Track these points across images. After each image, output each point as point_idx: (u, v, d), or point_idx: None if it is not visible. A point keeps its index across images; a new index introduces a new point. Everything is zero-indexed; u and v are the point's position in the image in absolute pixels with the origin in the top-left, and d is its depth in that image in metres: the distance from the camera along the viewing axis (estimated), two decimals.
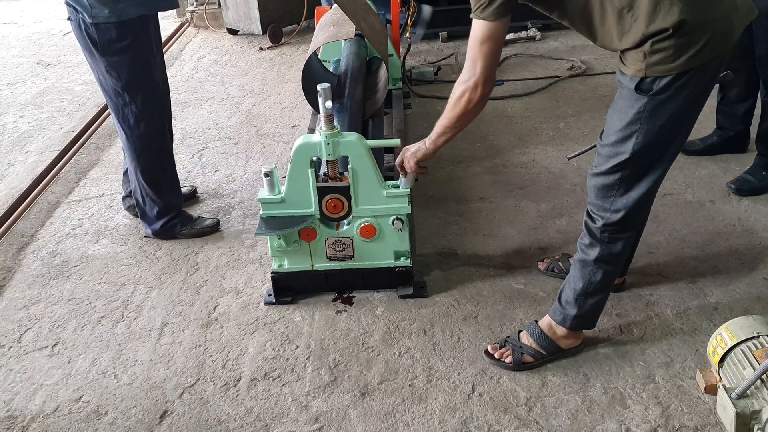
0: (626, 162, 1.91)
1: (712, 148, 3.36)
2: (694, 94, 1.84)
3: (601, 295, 2.17)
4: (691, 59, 1.74)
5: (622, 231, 2.04)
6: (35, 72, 5.52)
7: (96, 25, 2.60)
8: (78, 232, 3.18)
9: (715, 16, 1.74)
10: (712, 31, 1.73)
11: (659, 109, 1.82)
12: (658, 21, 1.71)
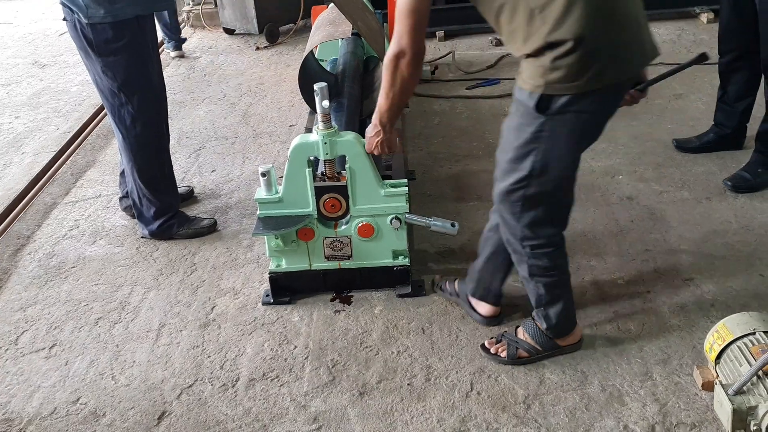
0: (526, 178, 1.91)
1: (708, 145, 3.37)
2: (593, 118, 1.84)
3: (557, 305, 2.15)
4: (591, 80, 1.73)
5: (540, 246, 2.03)
6: (31, 73, 5.51)
7: (92, 26, 2.60)
8: (75, 233, 3.18)
9: (619, 41, 1.74)
10: (614, 55, 1.74)
11: (558, 130, 1.82)
12: (562, 30, 1.69)
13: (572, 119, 1.80)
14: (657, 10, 5.29)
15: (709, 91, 3.89)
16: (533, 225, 2.00)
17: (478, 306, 2.39)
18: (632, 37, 1.78)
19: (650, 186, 3.15)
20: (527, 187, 1.92)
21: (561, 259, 2.11)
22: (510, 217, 2.02)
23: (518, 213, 1.98)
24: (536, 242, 2.03)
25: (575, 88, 1.74)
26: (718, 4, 3.34)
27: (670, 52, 4.64)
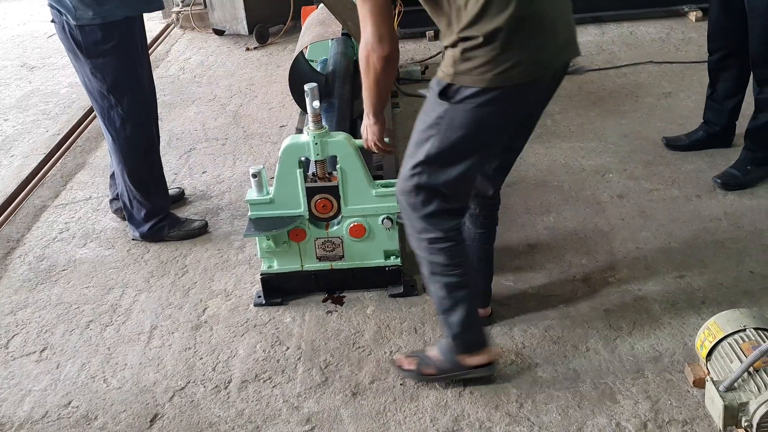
0: (421, 164, 1.88)
1: (697, 143, 3.38)
2: (497, 113, 1.82)
3: (459, 310, 2.03)
4: (498, 77, 1.73)
5: (436, 241, 1.96)
6: (19, 75, 5.47)
7: (80, 27, 2.59)
8: (65, 236, 3.16)
9: (534, 42, 1.74)
10: (525, 55, 1.73)
11: (458, 119, 1.80)
12: (476, 27, 1.70)
13: (474, 111, 1.78)
14: (645, 9, 5.32)
15: (698, 89, 3.91)
16: (430, 216, 1.94)
17: None
18: (550, 38, 1.78)
19: (640, 184, 3.17)
20: (422, 174, 1.89)
21: (461, 257, 2.02)
22: (408, 207, 1.96)
23: (415, 202, 1.94)
24: (433, 235, 1.96)
25: (481, 81, 1.74)
26: (706, 3, 3.35)
27: (659, 51, 4.66)
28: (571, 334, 2.33)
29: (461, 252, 2.02)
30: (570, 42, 1.88)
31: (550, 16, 1.77)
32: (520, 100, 1.83)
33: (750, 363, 1.78)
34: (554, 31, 1.80)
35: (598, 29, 5.18)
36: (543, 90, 1.91)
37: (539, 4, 1.75)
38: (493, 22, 1.69)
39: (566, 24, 1.86)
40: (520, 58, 1.73)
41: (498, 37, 1.70)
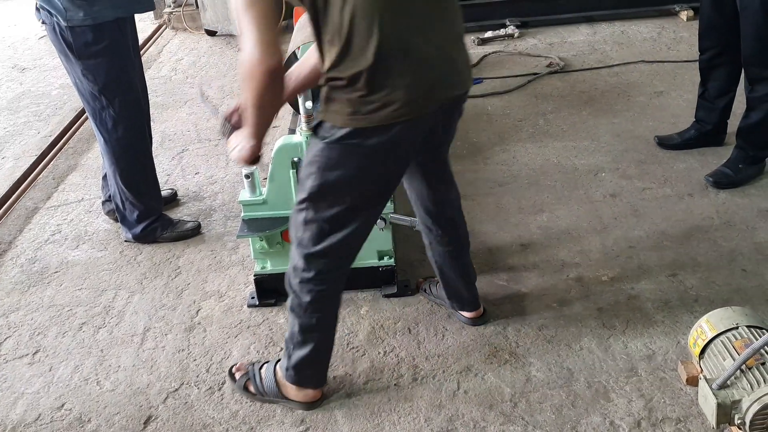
0: (304, 201, 1.80)
1: (689, 142, 3.39)
2: (371, 156, 1.71)
3: (306, 348, 1.98)
4: (367, 118, 1.64)
5: (309, 281, 1.89)
6: (10, 76, 5.45)
7: (71, 29, 2.58)
8: (57, 238, 3.15)
9: (400, 81, 1.63)
10: (394, 95, 1.63)
11: (334, 160, 1.72)
12: (340, 68, 1.62)
13: (347, 151, 1.70)
14: (637, 9, 5.34)
15: (690, 88, 3.93)
16: (308, 256, 1.85)
17: (460, 314, 2.41)
18: (424, 75, 1.67)
19: (633, 183, 3.17)
20: (306, 210, 1.81)
21: (328, 305, 1.97)
22: (295, 240, 1.88)
23: (302, 238, 1.85)
24: (306, 275, 1.88)
25: (350, 122, 1.66)
26: (697, 2, 3.37)
27: (651, 50, 4.68)
28: (564, 333, 2.33)
29: (328, 298, 1.95)
30: (453, 74, 1.75)
31: (422, 52, 1.65)
32: (396, 140, 1.70)
33: (743, 360, 1.79)
34: (429, 67, 1.67)
35: (590, 29, 5.19)
36: (428, 126, 1.78)
37: (405, 41, 1.62)
38: (355, 64, 1.60)
39: (447, 57, 1.72)
40: (389, 99, 1.63)
41: (361, 79, 1.61)
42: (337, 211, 1.79)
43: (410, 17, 1.64)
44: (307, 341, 1.99)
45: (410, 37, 1.63)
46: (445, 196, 2.15)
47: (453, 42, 1.75)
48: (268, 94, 1.64)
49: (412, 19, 1.64)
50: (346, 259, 1.93)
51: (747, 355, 1.78)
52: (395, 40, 1.61)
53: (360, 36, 1.59)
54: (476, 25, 5.30)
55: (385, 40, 1.59)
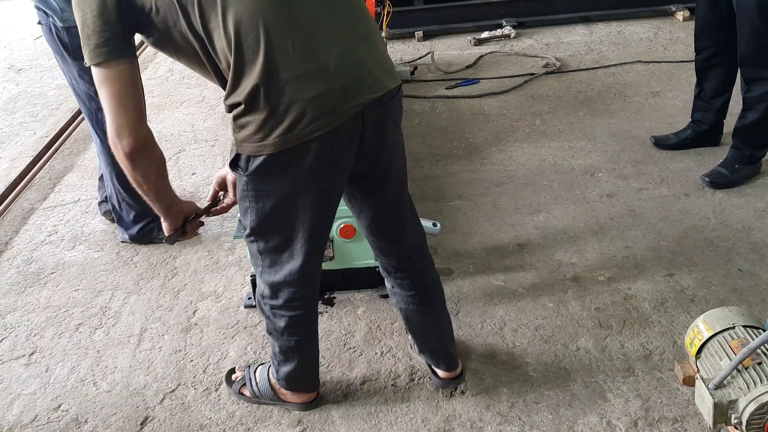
0: (250, 235, 1.74)
1: (686, 142, 3.40)
2: (299, 177, 1.61)
3: (290, 365, 1.99)
4: (279, 140, 1.53)
5: (280, 308, 1.86)
6: (6, 77, 5.43)
7: (67, 29, 2.57)
8: (54, 239, 3.14)
9: (301, 95, 1.52)
10: (300, 110, 1.52)
11: (264, 190, 1.64)
12: (237, 92, 1.52)
13: (274, 179, 1.61)
14: (632, 9, 5.35)
15: (686, 88, 3.93)
16: (272, 285, 1.82)
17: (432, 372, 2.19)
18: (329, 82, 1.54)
19: (629, 183, 3.18)
20: (256, 242, 1.75)
21: (305, 326, 1.93)
22: (257, 270, 1.84)
23: (257, 265, 1.82)
24: (275, 302, 1.85)
25: (263, 148, 1.55)
26: (693, 2, 3.36)
27: (647, 51, 4.68)
28: (561, 333, 2.33)
29: (303, 321, 1.91)
30: (364, 77, 1.60)
31: (321, 59, 1.53)
32: (319, 156, 1.58)
33: (739, 360, 1.79)
34: (334, 74, 1.54)
35: (587, 29, 5.20)
36: (353, 135, 1.63)
37: (299, 50, 1.51)
38: (247, 82, 1.50)
39: (354, 61, 1.58)
40: (298, 115, 1.52)
41: (258, 99, 1.51)
42: (284, 239, 1.73)
43: (301, 24, 1.52)
44: (289, 359, 1.99)
45: (305, 45, 1.52)
46: (397, 235, 1.92)
47: (359, 43, 1.60)
48: (137, 174, 1.61)
49: (303, 25, 1.52)
50: (309, 284, 1.85)
51: (743, 355, 1.78)
52: (286, 50, 1.50)
53: (248, 51, 1.48)
54: (473, 25, 5.31)
55: (272, 51, 1.48)
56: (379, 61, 1.65)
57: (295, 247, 1.74)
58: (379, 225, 1.88)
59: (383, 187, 1.81)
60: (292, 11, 1.52)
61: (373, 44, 1.64)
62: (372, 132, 1.66)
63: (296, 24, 1.51)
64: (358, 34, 1.61)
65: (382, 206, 1.85)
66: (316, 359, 2.07)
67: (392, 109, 1.71)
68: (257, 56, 1.49)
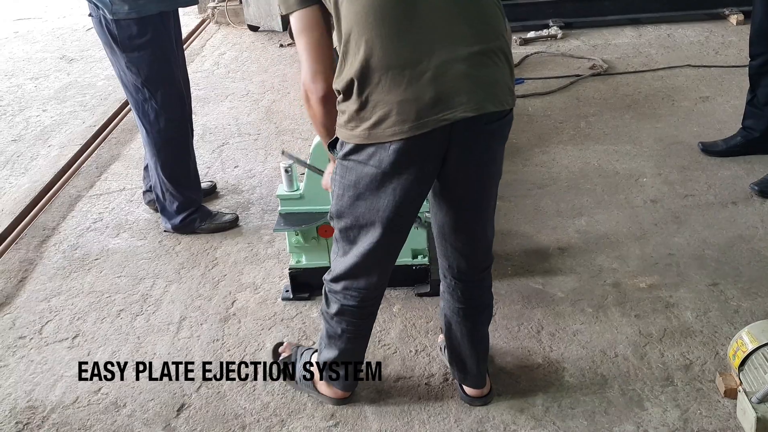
0: (332, 218, 1.80)
1: (735, 149, 3.32)
2: (376, 174, 1.63)
3: (332, 353, 2.00)
4: (366, 133, 1.58)
5: (335, 293, 1.91)
6: (58, 67, 5.58)
7: (116, 22, 2.62)
8: (99, 226, 3.22)
9: (395, 97, 1.53)
10: (386, 113, 1.54)
11: (348, 178, 1.68)
12: (340, 78, 1.58)
13: (356, 168, 1.65)
14: (683, 12, 5.23)
15: (737, 94, 3.84)
16: (338, 270, 1.87)
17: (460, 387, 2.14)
18: (428, 91, 1.53)
19: (675, 189, 3.11)
20: (335, 225, 1.82)
21: (355, 318, 1.93)
22: (333, 251, 1.91)
23: (334, 247, 1.88)
24: (333, 286, 1.90)
25: (352, 137, 1.61)
26: (748, 6, 3.29)
27: (698, 55, 4.58)
28: (599, 340, 2.30)
29: (355, 315, 1.93)
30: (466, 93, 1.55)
31: (421, 68, 1.52)
32: (397, 159, 1.59)
33: None
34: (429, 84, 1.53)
35: (635, 31, 5.11)
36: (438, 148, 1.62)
37: (399, 56, 1.52)
38: (346, 74, 1.56)
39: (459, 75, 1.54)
40: (382, 115, 1.55)
41: (352, 91, 1.56)
42: (357, 231, 1.77)
43: (415, 24, 1.52)
44: (332, 346, 2.00)
45: (410, 46, 1.52)
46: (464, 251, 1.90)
47: (474, 56, 1.55)
48: (322, 120, 1.70)
49: (418, 26, 1.52)
50: (368, 279, 1.86)
51: None
52: (388, 49, 1.52)
53: (353, 46, 1.54)
54: (519, 25, 5.26)
55: (373, 49, 1.52)
56: (490, 80, 1.59)
57: (358, 238, 1.78)
58: (448, 234, 1.87)
59: (462, 202, 1.80)
60: (409, 9, 1.52)
61: (491, 60, 1.59)
62: (460, 149, 1.64)
63: (410, 24, 1.52)
64: (478, 46, 1.56)
65: (456, 218, 1.83)
66: (358, 356, 2.06)
67: (490, 132, 1.66)
68: (359, 51, 1.53)
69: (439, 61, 1.53)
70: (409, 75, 1.53)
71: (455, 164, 1.67)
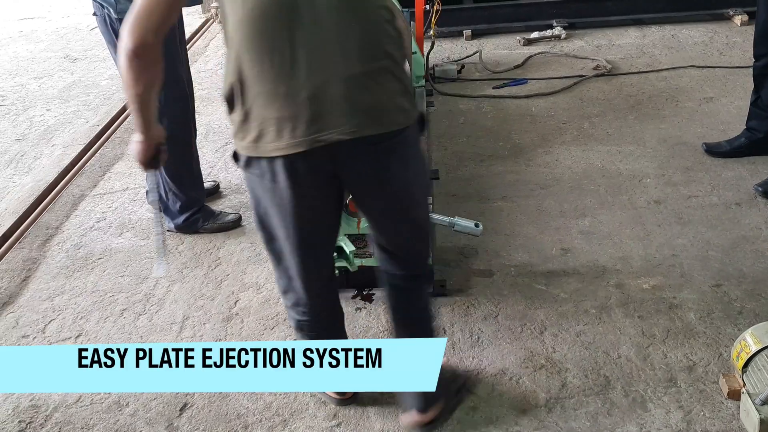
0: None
1: (739, 150, 3.31)
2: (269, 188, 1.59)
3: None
4: (249, 146, 1.54)
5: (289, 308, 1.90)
6: (62, 66, 5.59)
7: (121, 21, 2.61)
8: (102, 225, 3.22)
9: (271, 113, 1.50)
10: (266, 128, 1.51)
11: (252, 191, 1.66)
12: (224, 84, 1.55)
13: (256, 183, 1.62)
14: (687, 12, 5.22)
15: (741, 95, 3.83)
16: (279, 284, 1.87)
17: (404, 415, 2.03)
18: (303, 110, 1.49)
19: (678, 190, 3.11)
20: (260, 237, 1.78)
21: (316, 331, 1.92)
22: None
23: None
24: (285, 302, 1.90)
25: (243, 149, 1.57)
26: (752, 7, 3.27)
27: (702, 55, 4.57)
28: (602, 340, 2.30)
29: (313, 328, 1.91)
30: (344, 115, 1.50)
31: (296, 84, 1.48)
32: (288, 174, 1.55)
33: None
34: (305, 102, 1.48)
35: (639, 32, 5.10)
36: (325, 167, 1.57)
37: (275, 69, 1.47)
38: (228, 79, 1.52)
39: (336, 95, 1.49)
40: (262, 130, 1.51)
41: (234, 100, 1.53)
42: (271, 242, 1.75)
43: (297, 42, 1.46)
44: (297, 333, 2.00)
45: (287, 65, 1.47)
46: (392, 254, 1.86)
47: (354, 78, 1.50)
48: (130, 78, 1.56)
49: (300, 44, 1.46)
50: (307, 292, 1.82)
51: None
52: (264, 68, 1.47)
53: (233, 53, 1.50)
54: (522, 25, 5.25)
55: (250, 65, 1.48)
56: (372, 103, 1.53)
57: (286, 255, 1.74)
58: (376, 236, 1.84)
59: (378, 215, 1.75)
60: (289, 26, 1.46)
61: (374, 81, 1.52)
62: (350, 169, 1.59)
63: (288, 41, 1.46)
64: (360, 67, 1.50)
65: (377, 227, 1.80)
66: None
67: (384, 151, 1.58)
68: (237, 59, 1.49)
69: (317, 82, 1.48)
70: (285, 92, 1.48)
71: (352, 182, 1.64)
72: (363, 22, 1.51)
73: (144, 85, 1.60)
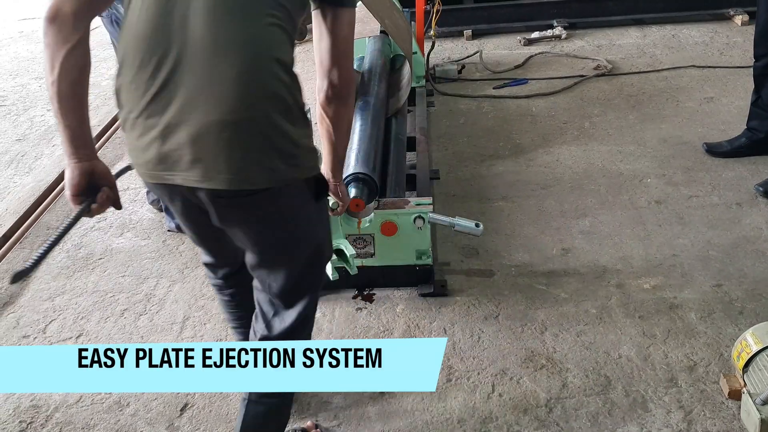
0: None
1: (740, 150, 3.31)
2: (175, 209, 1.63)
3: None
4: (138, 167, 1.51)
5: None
6: None
7: None
8: (102, 225, 3.22)
9: (135, 144, 1.46)
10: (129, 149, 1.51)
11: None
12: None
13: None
14: (688, 12, 5.22)
15: (742, 94, 3.82)
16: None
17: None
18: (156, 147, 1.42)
19: (679, 190, 3.11)
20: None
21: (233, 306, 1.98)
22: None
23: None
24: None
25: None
26: (753, 7, 3.27)
27: (702, 55, 4.57)
28: (603, 340, 2.30)
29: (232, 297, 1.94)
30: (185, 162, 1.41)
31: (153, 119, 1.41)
32: (165, 200, 1.61)
33: None
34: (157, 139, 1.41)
35: (640, 32, 5.10)
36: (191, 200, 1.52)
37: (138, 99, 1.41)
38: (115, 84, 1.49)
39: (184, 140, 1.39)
40: (129, 149, 1.51)
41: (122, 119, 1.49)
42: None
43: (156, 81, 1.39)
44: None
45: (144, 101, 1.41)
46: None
47: (215, 128, 1.38)
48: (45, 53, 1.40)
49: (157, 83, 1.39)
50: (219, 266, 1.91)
51: None
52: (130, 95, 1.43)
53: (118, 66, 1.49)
54: (523, 25, 5.26)
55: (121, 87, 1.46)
56: (226, 155, 1.39)
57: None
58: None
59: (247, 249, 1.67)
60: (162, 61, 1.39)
61: (239, 133, 1.39)
62: (207, 208, 1.52)
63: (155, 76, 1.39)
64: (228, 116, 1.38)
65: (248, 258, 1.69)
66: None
67: (238, 206, 1.49)
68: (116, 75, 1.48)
69: (170, 121, 1.38)
70: (143, 124, 1.42)
71: (223, 221, 1.56)
72: (239, 64, 1.38)
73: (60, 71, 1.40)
